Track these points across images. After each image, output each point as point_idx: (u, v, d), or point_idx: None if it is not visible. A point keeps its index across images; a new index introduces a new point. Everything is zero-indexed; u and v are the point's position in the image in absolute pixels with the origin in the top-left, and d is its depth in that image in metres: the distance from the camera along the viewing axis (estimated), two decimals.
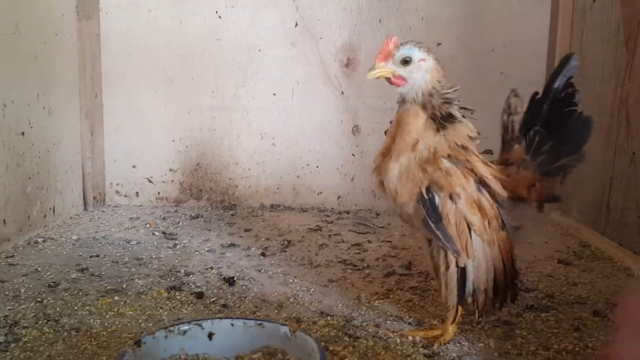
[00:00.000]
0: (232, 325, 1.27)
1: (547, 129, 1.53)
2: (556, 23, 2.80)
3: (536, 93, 1.61)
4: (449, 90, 1.49)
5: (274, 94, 3.01)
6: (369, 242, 2.41)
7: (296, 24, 2.95)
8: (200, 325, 1.25)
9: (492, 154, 2.95)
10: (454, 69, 2.90)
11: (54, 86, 2.56)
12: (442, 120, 1.44)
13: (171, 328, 1.22)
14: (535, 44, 2.88)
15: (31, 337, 1.42)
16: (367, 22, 2.92)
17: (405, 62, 1.42)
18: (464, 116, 1.49)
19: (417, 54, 1.43)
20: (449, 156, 1.41)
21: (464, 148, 1.45)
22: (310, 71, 2.98)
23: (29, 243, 2.26)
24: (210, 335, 1.25)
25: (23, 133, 2.29)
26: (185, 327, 1.23)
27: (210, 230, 2.57)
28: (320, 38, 2.95)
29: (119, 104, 2.99)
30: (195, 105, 3.00)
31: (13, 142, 2.22)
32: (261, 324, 1.27)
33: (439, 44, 2.90)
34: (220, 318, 1.29)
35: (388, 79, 1.43)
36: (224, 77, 2.99)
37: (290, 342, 1.23)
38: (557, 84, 1.53)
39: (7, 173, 2.17)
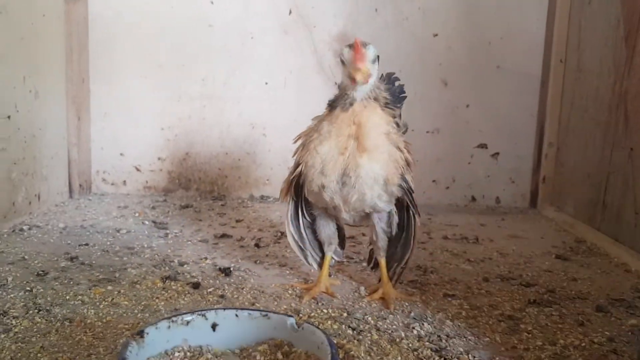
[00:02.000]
0: (236, 316, 1.22)
1: None
2: (553, 16, 2.78)
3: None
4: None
5: (266, 83, 2.96)
6: (364, 235, 2.37)
7: (290, 12, 2.90)
8: (204, 315, 1.20)
9: (487, 148, 2.95)
10: (450, 60, 2.91)
11: (41, 69, 2.48)
12: (387, 107, 1.56)
13: (174, 318, 1.17)
14: (532, 37, 2.86)
15: (22, 328, 1.36)
16: (363, 11, 2.88)
17: (374, 60, 1.52)
18: None
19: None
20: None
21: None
22: (304, 60, 2.93)
23: (13, 230, 2.18)
24: (214, 326, 1.20)
25: (9, 117, 2.22)
26: (188, 317, 1.18)
27: (201, 220, 2.51)
28: (315, 27, 2.90)
29: (107, 90, 2.92)
30: (185, 92, 2.93)
31: None
32: (267, 315, 1.22)
33: (436, 34, 2.88)
34: (225, 308, 1.24)
35: (353, 79, 1.46)
36: (215, 65, 2.93)
37: (297, 334, 1.19)
38: None
39: None
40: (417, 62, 2.90)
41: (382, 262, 1.69)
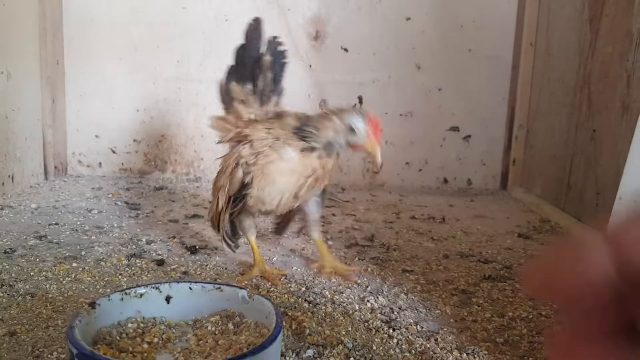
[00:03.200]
0: (190, 288, 1.26)
1: None
2: (524, 1, 2.82)
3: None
4: None
5: None
6: (333, 215, 2.41)
7: None
8: (157, 288, 1.24)
9: (459, 131, 2.99)
10: (423, 44, 2.94)
11: (13, 51, 2.49)
12: None
13: (127, 291, 1.20)
14: (503, 21, 2.89)
15: None
16: None
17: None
18: None
19: None
20: None
21: None
22: None
23: None
24: (168, 299, 1.24)
25: None
26: (142, 290, 1.22)
27: (174, 201, 2.54)
28: (289, 9, 2.92)
29: (82, 72, 2.93)
30: (160, 74, 2.95)
31: None
32: (219, 287, 1.26)
33: (409, 18, 2.90)
34: (178, 281, 1.28)
35: (374, 160, 1.53)
36: (190, 47, 2.95)
37: (248, 306, 1.23)
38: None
39: None
40: (391, 45, 2.93)
41: (319, 238, 1.76)
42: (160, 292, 1.24)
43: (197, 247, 1.88)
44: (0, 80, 2.38)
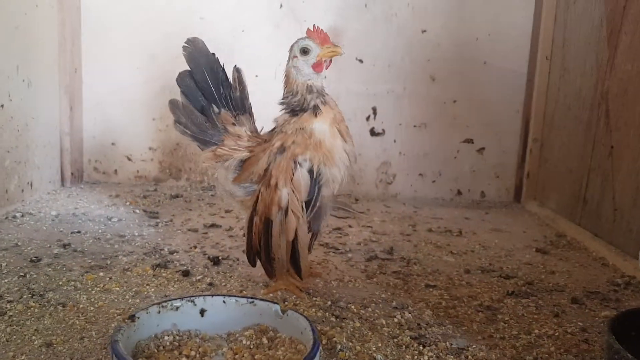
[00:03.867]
0: (224, 302, 1.27)
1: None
2: (540, 14, 2.84)
3: None
4: None
5: (256, 76, 2.98)
6: (350, 226, 2.42)
7: (281, 6, 2.94)
8: (192, 301, 1.25)
9: (473, 143, 3.01)
10: (438, 56, 2.96)
11: (34, 59, 2.51)
12: None
13: (164, 304, 1.22)
14: (519, 34, 2.92)
15: (16, 311, 1.40)
16: (353, 6, 2.92)
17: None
18: None
19: None
20: None
21: None
22: None
23: (6, 217, 2.22)
24: (202, 312, 1.25)
25: (2, 105, 2.25)
26: (177, 303, 1.23)
27: (191, 210, 2.56)
28: (305, 20, 2.94)
29: (99, 80, 2.95)
30: (176, 84, 2.96)
31: None
32: (253, 301, 1.27)
33: (424, 30, 2.93)
34: (213, 295, 1.29)
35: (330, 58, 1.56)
36: None
37: (282, 321, 1.24)
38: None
39: None
40: (406, 57, 2.95)
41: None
42: (195, 305, 1.25)
43: (219, 257, 1.89)
44: (22, 88, 2.40)
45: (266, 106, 3.00)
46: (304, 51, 1.55)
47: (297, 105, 1.55)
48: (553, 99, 2.79)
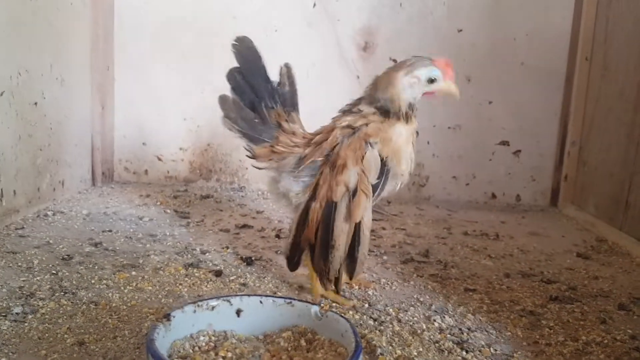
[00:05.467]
0: (260, 302, 1.23)
1: None
2: (580, 13, 2.76)
3: None
4: None
5: None
6: (383, 229, 2.37)
7: (314, 4, 2.90)
8: (229, 301, 1.21)
9: (509, 145, 2.94)
10: (474, 56, 2.90)
11: (67, 57, 2.51)
12: None
13: (200, 303, 1.18)
14: (557, 33, 2.84)
15: (49, 309, 1.38)
16: (388, 5, 2.87)
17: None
18: None
19: None
20: None
21: None
22: (326, 53, 2.93)
23: (38, 216, 2.21)
24: (238, 312, 1.21)
25: (36, 103, 2.24)
26: (214, 302, 1.20)
27: (222, 210, 2.53)
28: (338, 20, 2.90)
29: (131, 79, 2.94)
30: (208, 83, 2.94)
31: (26, 111, 2.17)
32: (290, 302, 1.23)
33: (460, 30, 2.86)
34: (249, 295, 1.25)
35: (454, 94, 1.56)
36: None
37: (320, 322, 1.20)
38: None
39: (19, 143, 2.12)
40: (441, 57, 2.89)
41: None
42: (231, 305, 1.22)
43: (252, 258, 1.85)
44: (55, 86, 2.40)
45: (300, 106, 2.99)
46: (432, 80, 1.51)
47: (390, 110, 1.50)
48: (593, 100, 2.71)
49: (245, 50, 1.68)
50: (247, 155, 1.69)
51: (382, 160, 1.49)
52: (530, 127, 2.93)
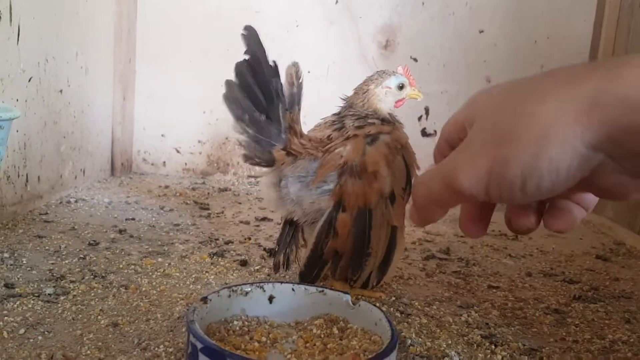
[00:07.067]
0: (292, 290, 1.24)
1: None
2: (601, 19, 2.77)
3: None
4: None
5: (309, 72, 2.96)
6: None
7: (336, 2, 2.92)
8: (262, 287, 1.22)
9: None
10: (495, 58, 2.90)
11: (91, 46, 2.53)
12: None
13: (234, 288, 1.19)
14: (579, 38, 2.84)
15: (80, 292, 1.39)
16: (409, 4, 2.88)
17: None
18: None
19: None
20: None
21: None
22: (347, 51, 2.94)
23: (60, 202, 2.23)
24: (270, 299, 1.22)
25: (61, 91, 2.26)
26: (247, 288, 1.20)
27: (240, 203, 2.54)
28: (360, 17, 2.92)
29: (152, 72, 2.96)
30: (229, 77, 2.95)
31: (52, 98, 2.19)
32: (322, 290, 1.24)
33: (481, 31, 2.87)
34: (281, 282, 1.26)
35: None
36: None
37: (353, 312, 1.20)
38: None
39: (44, 130, 2.14)
40: (462, 58, 2.90)
41: None
42: (264, 291, 1.22)
43: (275, 249, 1.86)
44: (79, 75, 2.41)
45: (319, 104, 3.00)
46: (401, 87, 1.57)
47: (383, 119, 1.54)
48: None
49: (253, 42, 1.50)
50: (253, 164, 1.56)
51: (406, 165, 1.48)
52: None
